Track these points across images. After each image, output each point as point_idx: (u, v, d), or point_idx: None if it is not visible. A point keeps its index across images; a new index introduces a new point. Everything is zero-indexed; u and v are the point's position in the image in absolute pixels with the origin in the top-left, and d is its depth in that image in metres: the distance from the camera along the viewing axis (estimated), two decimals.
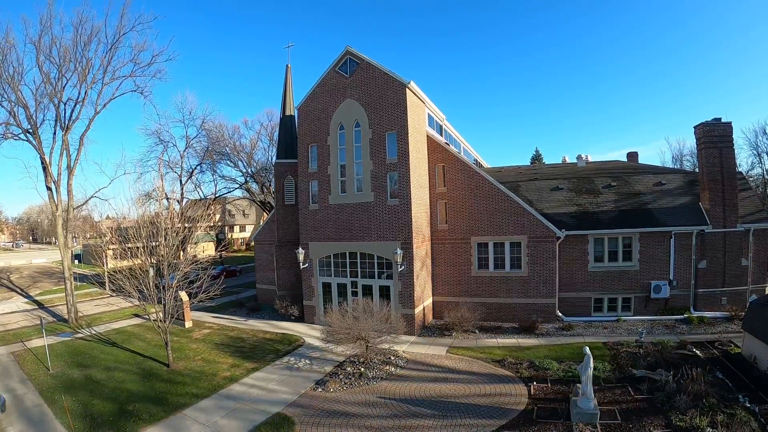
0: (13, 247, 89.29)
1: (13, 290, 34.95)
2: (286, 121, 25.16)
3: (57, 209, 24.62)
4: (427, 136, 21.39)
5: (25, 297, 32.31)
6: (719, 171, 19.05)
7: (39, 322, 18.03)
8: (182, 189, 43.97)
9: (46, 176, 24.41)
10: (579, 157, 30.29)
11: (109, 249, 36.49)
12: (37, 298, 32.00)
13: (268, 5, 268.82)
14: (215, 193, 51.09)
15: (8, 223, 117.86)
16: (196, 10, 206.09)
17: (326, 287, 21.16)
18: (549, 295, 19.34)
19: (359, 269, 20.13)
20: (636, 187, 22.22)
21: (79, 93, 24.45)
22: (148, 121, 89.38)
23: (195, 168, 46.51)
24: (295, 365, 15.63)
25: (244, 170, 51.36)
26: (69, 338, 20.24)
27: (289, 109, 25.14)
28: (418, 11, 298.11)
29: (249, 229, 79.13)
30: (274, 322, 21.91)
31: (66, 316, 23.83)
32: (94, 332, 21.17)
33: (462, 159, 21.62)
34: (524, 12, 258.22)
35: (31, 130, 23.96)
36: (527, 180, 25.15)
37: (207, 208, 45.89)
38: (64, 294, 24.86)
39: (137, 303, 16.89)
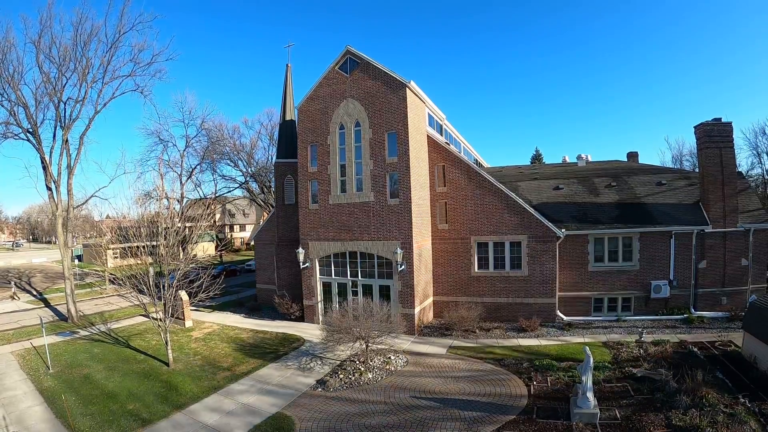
0: (13, 246, 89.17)
1: (12, 289, 34.90)
2: (286, 121, 25.16)
3: (57, 209, 24.63)
4: (428, 135, 21.39)
5: (25, 296, 32.29)
6: (719, 171, 19.04)
7: (39, 321, 18.01)
8: (182, 188, 44.08)
9: (46, 176, 24.42)
10: (579, 157, 30.29)
11: (109, 248, 36.51)
12: (37, 297, 31.98)
13: (268, 5, 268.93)
14: (215, 193, 51.16)
15: (8, 223, 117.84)
16: (195, 10, 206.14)
17: (326, 287, 21.16)
18: (549, 294, 19.33)
19: (359, 269, 20.14)
20: (636, 187, 22.22)
21: (79, 92, 24.50)
22: (148, 120, 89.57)
23: (195, 167, 46.65)
24: (295, 365, 15.63)
25: (244, 170, 51.45)
26: (69, 337, 20.25)
27: (289, 108, 25.14)
28: (419, 12, 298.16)
29: (249, 228, 79.10)
30: (274, 322, 21.92)
31: (66, 315, 23.85)
32: (94, 331, 21.16)
33: (462, 159, 21.61)
34: (523, 11, 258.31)
35: (31, 130, 23.96)
36: (527, 180, 25.15)
37: (207, 208, 46.04)
38: (64, 293, 24.86)
39: (137, 302, 16.88)
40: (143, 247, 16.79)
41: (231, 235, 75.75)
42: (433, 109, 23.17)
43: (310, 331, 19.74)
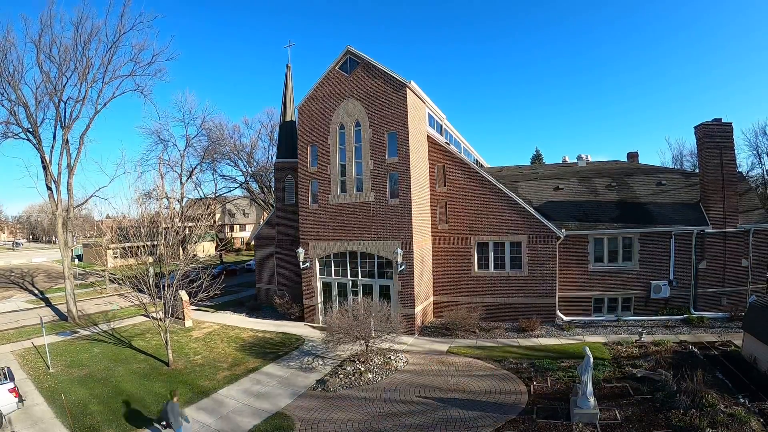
0: (13, 246, 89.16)
1: (13, 288, 34.95)
2: (286, 121, 25.16)
3: (57, 208, 24.63)
4: (428, 135, 21.39)
5: (25, 295, 32.31)
6: (719, 171, 19.04)
7: (39, 320, 18.02)
8: (182, 188, 44.04)
9: (46, 175, 24.43)
10: (579, 157, 30.29)
11: (109, 248, 36.51)
12: (38, 296, 31.99)
13: (269, 5, 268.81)
14: (215, 193, 51.13)
15: (8, 222, 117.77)
16: (195, 9, 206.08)
17: (326, 287, 21.17)
18: (549, 295, 19.34)
19: (359, 269, 20.15)
20: (636, 187, 22.23)
21: (80, 92, 24.52)
22: (148, 120, 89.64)
23: (195, 167, 46.60)
24: (295, 365, 15.63)
25: (245, 170, 51.43)
26: (69, 337, 20.25)
27: (290, 108, 25.14)
28: (420, 10, 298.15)
29: (249, 228, 79.12)
30: (274, 322, 21.92)
31: (67, 315, 23.86)
32: (94, 331, 21.17)
33: (462, 159, 21.61)
34: (523, 11, 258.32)
35: (31, 129, 23.97)
36: (528, 180, 25.16)
37: (207, 208, 45.99)
38: (64, 293, 24.87)
39: (138, 302, 16.89)
40: (143, 246, 16.80)
41: (231, 235, 75.74)
42: (433, 109, 23.17)
43: (310, 332, 19.76)
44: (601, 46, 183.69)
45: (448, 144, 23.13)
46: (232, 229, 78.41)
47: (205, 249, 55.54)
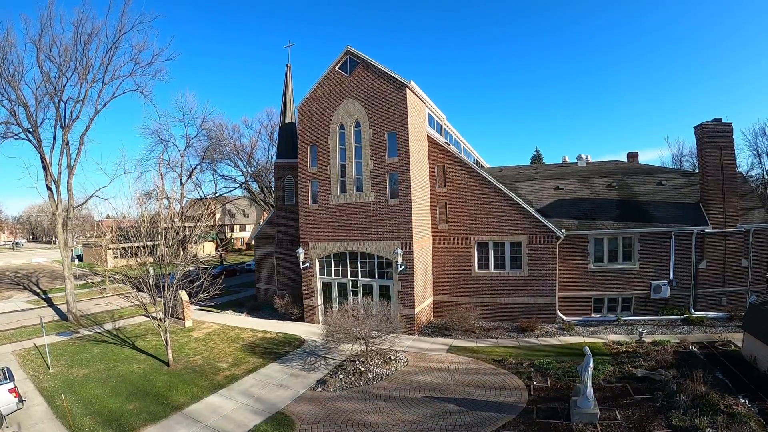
0: (13, 246, 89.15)
1: (13, 288, 34.94)
2: (286, 122, 25.16)
3: (57, 208, 24.64)
4: (428, 135, 21.39)
5: (25, 296, 32.30)
6: (719, 171, 19.02)
7: (39, 320, 18.02)
8: (182, 188, 44.08)
9: (46, 175, 24.43)
10: (579, 158, 30.29)
11: (109, 248, 36.50)
12: (40, 296, 31.99)
13: (269, 5, 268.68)
14: (215, 193, 51.18)
15: (8, 223, 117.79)
16: (195, 10, 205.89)
17: (326, 287, 21.17)
18: (549, 295, 19.34)
19: (359, 269, 20.15)
20: (636, 187, 22.23)
21: (80, 92, 24.55)
22: (149, 120, 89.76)
23: (195, 167, 46.67)
24: (296, 365, 15.63)
25: (244, 170, 51.49)
26: (69, 337, 20.26)
27: (290, 108, 25.14)
28: (420, 12, 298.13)
29: (249, 228, 79.11)
30: (274, 322, 21.92)
31: (67, 315, 23.86)
32: (94, 331, 21.17)
33: (462, 159, 21.61)
34: (525, 12, 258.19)
35: (31, 129, 23.99)
36: (527, 180, 25.16)
37: (207, 208, 46.00)
38: (64, 293, 24.87)
39: (137, 302, 16.89)
40: (143, 247, 16.79)
41: (231, 235, 75.78)
42: (433, 109, 23.18)
43: (310, 331, 19.76)
44: (601, 50, 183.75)
45: (448, 144, 23.14)
46: (232, 229, 78.42)
47: (206, 249, 55.55)
